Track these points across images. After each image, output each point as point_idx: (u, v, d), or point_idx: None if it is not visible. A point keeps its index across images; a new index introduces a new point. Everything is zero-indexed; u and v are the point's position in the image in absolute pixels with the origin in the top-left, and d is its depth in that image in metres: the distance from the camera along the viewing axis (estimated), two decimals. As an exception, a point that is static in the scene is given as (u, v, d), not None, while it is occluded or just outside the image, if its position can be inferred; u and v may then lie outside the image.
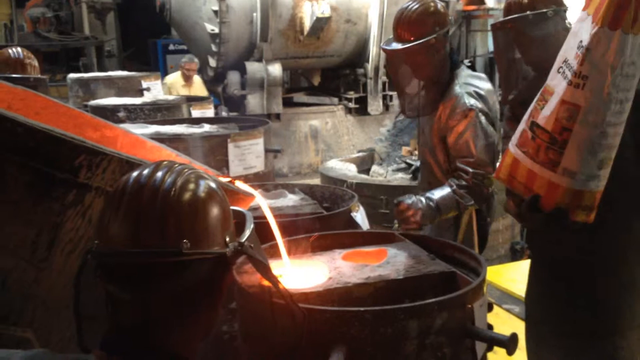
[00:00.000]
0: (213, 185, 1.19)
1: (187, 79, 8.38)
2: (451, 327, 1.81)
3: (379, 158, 6.70)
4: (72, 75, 7.52)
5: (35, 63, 4.17)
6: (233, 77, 8.98)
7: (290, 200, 3.51)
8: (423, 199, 3.18)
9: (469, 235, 3.47)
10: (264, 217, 2.13)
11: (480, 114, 3.13)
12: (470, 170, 3.11)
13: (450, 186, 3.19)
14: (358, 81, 9.93)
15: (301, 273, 2.16)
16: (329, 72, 10.48)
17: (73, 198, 1.46)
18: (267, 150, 5.60)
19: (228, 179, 1.80)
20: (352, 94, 9.88)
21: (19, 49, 4.12)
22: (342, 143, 9.69)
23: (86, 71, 10.79)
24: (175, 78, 8.71)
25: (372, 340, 1.74)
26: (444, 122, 3.22)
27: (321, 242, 2.45)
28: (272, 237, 2.19)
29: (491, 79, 10.91)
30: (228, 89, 9.00)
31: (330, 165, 6.40)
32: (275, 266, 2.13)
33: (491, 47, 11.43)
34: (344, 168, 6.22)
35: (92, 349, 1.16)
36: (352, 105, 9.86)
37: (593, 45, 1.57)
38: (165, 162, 1.18)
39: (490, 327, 1.98)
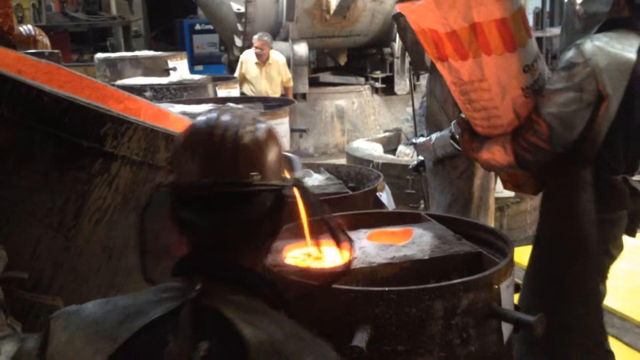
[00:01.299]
0: (269, 126, 1.33)
1: (259, 57, 7.95)
2: (477, 307, 1.79)
3: (405, 138, 6.66)
4: (99, 55, 7.57)
5: (47, 40, 4.19)
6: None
7: (316, 179, 3.50)
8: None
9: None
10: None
11: None
12: None
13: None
14: (385, 60, 9.85)
15: (326, 253, 2.16)
16: (356, 52, 10.42)
17: (99, 167, 1.47)
18: (292, 130, 5.60)
19: None
20: (378, 74, 9.82)
21: (30, 26, 4.14)
22: (368, 123, 9.64)
23: (113, 51, 10.84)
24: (249, 55, 8.19)
25: (397, 320, 1.73)
26: None
27: (346, 222, 2.44)
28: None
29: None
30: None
31: (356, 145, 6.38)
32: (299, 246, 2.13)
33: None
34: (370, 148, 6.19)
35: (154, 279, 1.30)
36: (378, 85, 9.80)
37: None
38: (226, 107, 1.33)
39: (517, 308, 1.95)
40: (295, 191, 1.32)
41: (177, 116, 2.21)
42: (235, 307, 1.17)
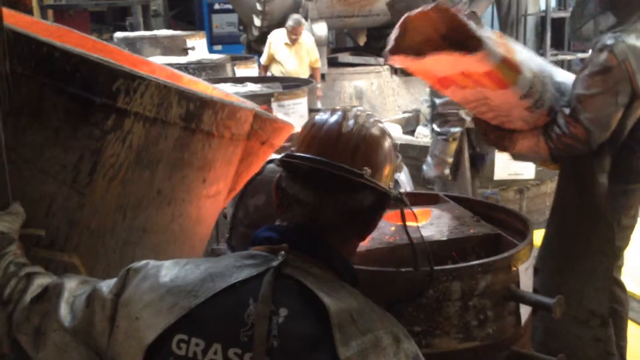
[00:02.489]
0: (389, 133, 1.42)
1: (292, 40, 7.93)
2: (495, 289, 1.78)
3: (424, 119, 6.62)
4: (118, 34, 7.57)
5: None
6: (276, 36, 8.91)
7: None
8: None
9: None
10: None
11: None
12: None
13: None
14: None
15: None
16: (375, 32, 10.33)
17: (112, 124, 1.47)
18: (311, 110, 5.58)
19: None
20: (398, 54, 9.72)
21: None
22: (387, 104, 9.58)
23: (132, 30, 10.83)
24: (278, 35, 8.13)
25: (414, 301, 1.72)
26: None
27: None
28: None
29: (542, 39, 10.64)
30: (273, 48, 8.94)
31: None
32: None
33: (543, 6, 11.12)
34: (389, 129, 6.15)
35: (235, 247, 1.43)
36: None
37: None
38: (350, 107, 1.41)
39: (535, 290, 1.94)
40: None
41: (190, 78, 2.21)
42: (314, 278, 1.22)
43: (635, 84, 2.40)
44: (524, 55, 2.51)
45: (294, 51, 7.95)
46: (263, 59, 8.15)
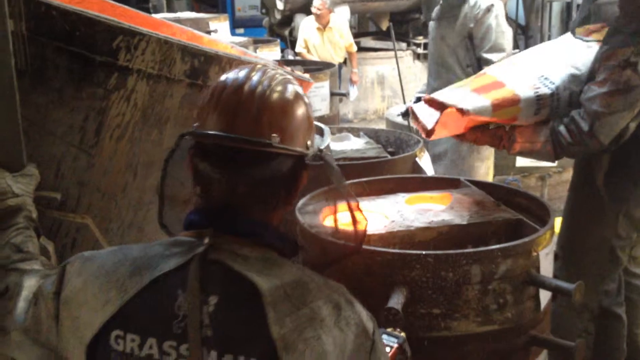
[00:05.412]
0: (300, 91, 1.31)
1: (318, 19, 7.68)
2: (515, 274, 1.78)
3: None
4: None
5: None
6: (300, 20, 8.88)
7: (355, 143, 3.49)
8: None
9: None
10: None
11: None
12: None
13: None
14: (427, 26, 9.67)
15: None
16: (398, 16, 10.23)
17: (115, 82, 1.46)
18: (332, 94, 5.57)
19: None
20: (421, 39, 9.63)
21: None
22: (409, 90, 9.52)
23: (155, 12, 10.85)
24: (310, 21, 7.92)
25: (433, 283, 1.73)
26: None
27: (385, 186, 2.43)
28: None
29: (567, 25, 10.46)
30: (295, 32, 8.91)
31: (396, 111, 6.32)
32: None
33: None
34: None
35: (168, 225, 1.33)
36: (420, 50, 9.63)
37: None
38: (259, 66, 1.31)
39: (555, 276, 1.94)
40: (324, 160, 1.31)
41: (210, 39, 2.21)
42: (243, 259, 1.18)
43: None
44: (520, 65, 2.59)
45: (326, 37, 7.81)
46: (299, 47, 7.96)
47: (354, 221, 1.38)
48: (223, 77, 1.27)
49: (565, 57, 2.60)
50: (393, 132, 3.73)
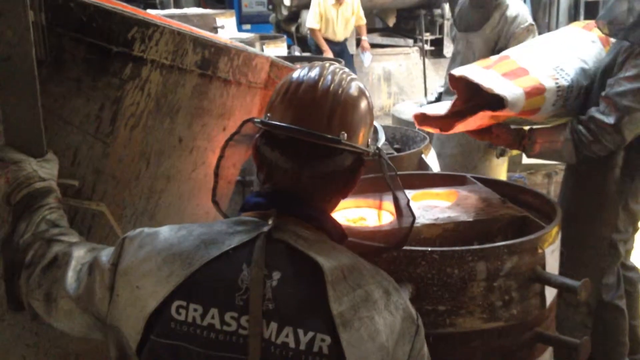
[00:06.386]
0: (365, 91, 1.41)
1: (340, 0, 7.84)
2: (520, 271, 1.78)
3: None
4: (149, 12, 7.59)
5: None
6: (306, 16, 8.87)
7: (361, 140, 3.48)
8: None
9: None
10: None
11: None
12: None
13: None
14: (435, 22, 9.65)
15: (368, 212, 2.16)
16: (405, 13, 10.21)
17: (130, 72, 1.50)
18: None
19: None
20: (428, 36, 9.63)
21: None
22: (415, 86, 9.51)
23: (163, 8, 10.86)
24: None
25: (439, 280, 1.73)
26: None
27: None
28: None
29: (575, 19, 10.43)
30: (301, 28, 8.91)
31: (402, 108, 6.31)
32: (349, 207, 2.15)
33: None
34: (417, 111, 6.11)
35: (219, 202, 1.46)
36: (427, 47, 9.62)
37: None
38: (328, 64, 1.40)
39: (561, 273, 1.94)
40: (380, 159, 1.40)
41: (210, 35, 2.24)
42: (304, 240, 1.25)
43: None
44: (536, 52, 2.54)
45: (340, 12, 7.96)
46: (313, 22, 8.00)
47: (400, 219, 1.47)
48: (296, 74, 1.36)
49: (575, 50, 2.59)
50: (399, 129, 3.73)
